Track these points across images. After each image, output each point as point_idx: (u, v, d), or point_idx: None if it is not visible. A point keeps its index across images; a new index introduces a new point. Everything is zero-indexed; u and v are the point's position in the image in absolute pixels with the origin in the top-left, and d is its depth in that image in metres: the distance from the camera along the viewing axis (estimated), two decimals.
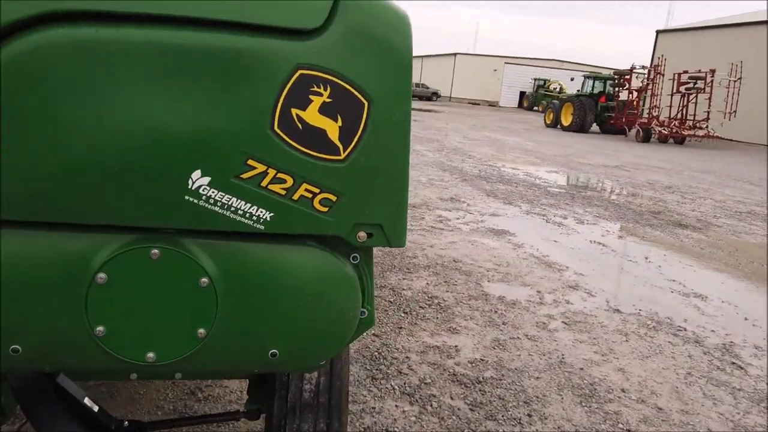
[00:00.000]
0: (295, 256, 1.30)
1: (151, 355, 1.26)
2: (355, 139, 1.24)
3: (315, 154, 1.22)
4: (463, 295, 4.52)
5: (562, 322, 4.18)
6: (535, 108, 49.87)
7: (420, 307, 4.19)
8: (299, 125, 1.20)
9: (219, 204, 1.20)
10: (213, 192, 1.19)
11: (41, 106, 1.08)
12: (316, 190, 1.25)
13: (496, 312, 4.23)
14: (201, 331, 1.27)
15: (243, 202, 1.21)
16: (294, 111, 1.19)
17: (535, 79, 54.57)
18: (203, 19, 1.12)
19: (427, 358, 3.43)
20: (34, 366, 1.31)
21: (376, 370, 3.21)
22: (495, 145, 16.95)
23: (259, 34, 1.15)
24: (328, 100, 1.20)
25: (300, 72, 1.17)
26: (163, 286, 1.23)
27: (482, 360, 3.47)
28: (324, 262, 1.32)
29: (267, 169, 1.20)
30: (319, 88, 1.19)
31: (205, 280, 1.24)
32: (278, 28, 1.16)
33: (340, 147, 1.24)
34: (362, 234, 1.32)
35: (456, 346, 3.62)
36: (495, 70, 61.59)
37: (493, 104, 60.63)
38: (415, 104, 44.40)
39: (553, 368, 3.45)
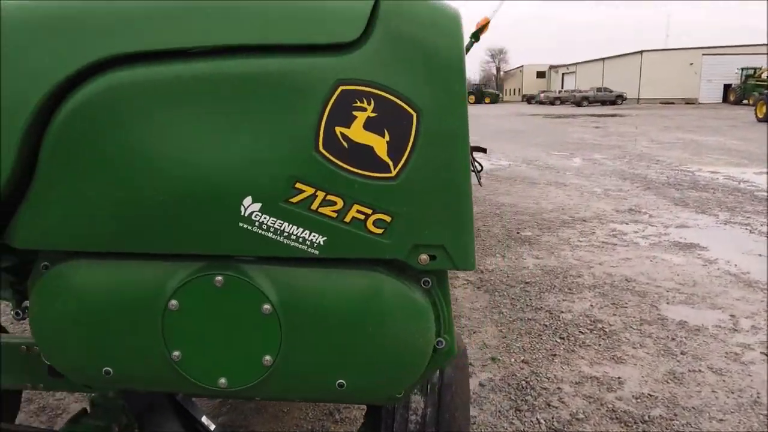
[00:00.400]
0: (354, 281, 1.23)
1: (223, 381, 1.27)
2: (406, 155, 1.14)
3: (364, 173, 1.15)
4: (634, 319, 4.02)
5: (762, 353, 3.49)
6: (744, 101, 43.71)
7: (580, 332, 3.81)
8: (344, 144, 1.14)
9: (272, 230, 1.18)
10: (265, 218, 1.17)
11: (106, 145, 1.17)
12: (369, 211, 1.17)
13: (673, 339, 3.69)
14: (267, 358, 1.25)
15: (295, 227, 1.18)
16: (338, 129, 1.13)
17: (741, 69, 47.93)
18: (237, 45, 1.12)
19: (582, 390, 3.09)
20: (126, 386, 1.41)
21: (522, 400, 2.97)
22: (690, 148, 15.14)
23: (296, 54, 1.12)
24: (373, 114, 1.13)
25: (341, 88, 1.12)
26: (229, 312, 1.24)
27: (650, 395, 3.02)
28: (386, 288, 1.22)
29: (315, 191, 1.16)
30: (363, 102, 1.12)
31: (267, 306, 1.23)
32: (315, 45, 1.12)
33: (390, 164, 1.15)
34: (424, 257, 1.20)
35: (619, 377, 3.21)
36: (691, 64, 55.50)
37: (690, 102, 54.54)
38: (597, 110, 41.78)
39: (744, 409, 2.87)
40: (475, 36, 3.48)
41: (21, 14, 1.16)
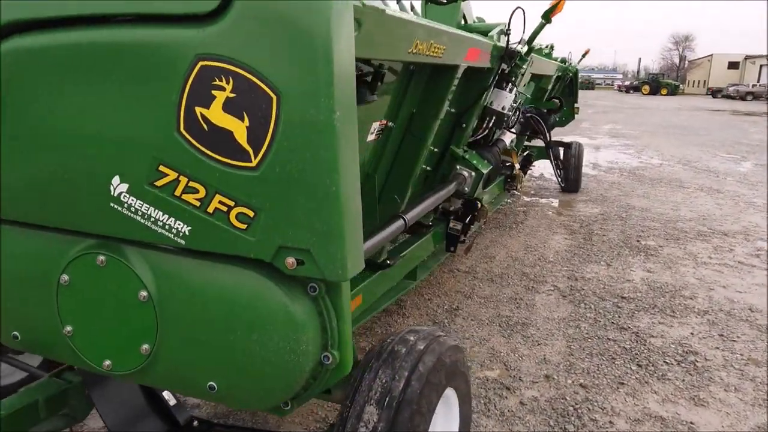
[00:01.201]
0: (226, 278, 1.13)
1: (107, 363, 1.25)
2: (266, 143, 1.01)
3: (224, 159, 1.04)
4: (741, 357, 3.39)
5: None
6: None
7: (665, 361, 3.30)
8: (204, 126, 1.03)
9: (140, 213, 1.12)
10: (132, 200, 1.12)
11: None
12: (231, 203, 1.06)
13: None
14: (145, 347, 1.21)
15: (160, 213, 1.11)
16: (198, 110, 1.03)
17: None
18: (96, 15, 1.05)
19: (639, 428, 2.67)
20: (32, 352, 1.45)
21: (560, 427, 2.64)
22: None
23: (156, 25, 1.03)
24: (232, 95, 1.01)
25: (201, 63, 1.01)
26: (111, 294, 1.21)
27: None
28: (257, 290, 1.11)
29: (178, 176, 1.07)
30: (222, 81, 1.01)
31: (144, 293, 1.18)
32: (173, 15, 1.02)
33: (251, 152, 1.02)
34: (291, 260, 1.06)
35: (691, 422, 2.73)
36: None
37: None
38: (754, 106, 35.96)
39: None
40: (545, 17, 3.07)
41: None
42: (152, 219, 1.13)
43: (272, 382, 1.16)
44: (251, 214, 1.06)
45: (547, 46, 6.59)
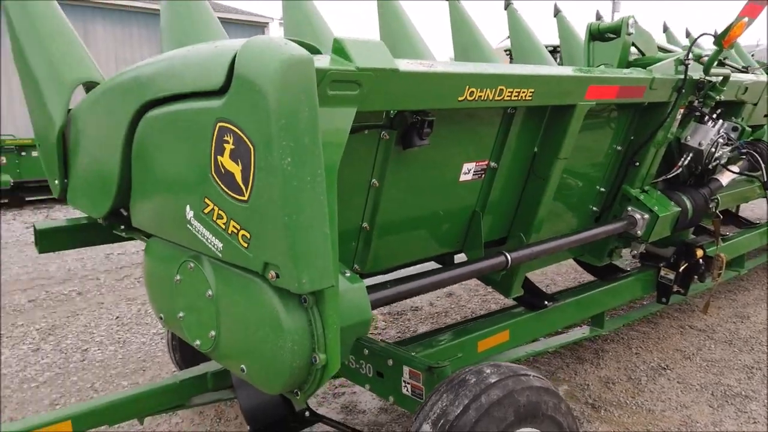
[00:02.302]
0: (243, 284, 1.47)
1: (198, 342, 1.71)
2: (250, 182, 1.34)
3: (231, 194, 1.40)
4: None
5: None
6: None
7: None
8: (222, 170, 1.42)
9: (200, 233, 1.56)
10: (196, 223, 1.55)
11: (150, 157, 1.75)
12: (238, 227, 1.41)
13: None
14: (212, 333, 1.62)
15: (208, 233, 1.52)
16: (219, 158, 1.42)
17: None
18: (175, 94, 1.52)
19: None
20: (168, 329, 1.98)
21: None
22: None
23: (198, 98, 1.45)
24: (233, 147, 1.37)
25: (218, 124, 1.40)
26: (196, 292, 1.67)
27: None
28: (260, 297, 1.42)
29: (213, 206, 1.47)
30: (228, 136, 1.38)
31: (210, 293, 1.60)
32: (204, 91, 1.42)
33: (244, 189, 1.37)
34: (272, 273, 1.35)
35: None
36: None
37: None
38: None
39: None
40: (718, 43, 2.50)
41: (109, 82, 1.84)
42: (206, 237, 1.54)
43: (273, 373, 1.44)
44: (248, 235, 1.38)
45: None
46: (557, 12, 3.40)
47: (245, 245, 1.40)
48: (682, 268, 3.46)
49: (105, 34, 13.70)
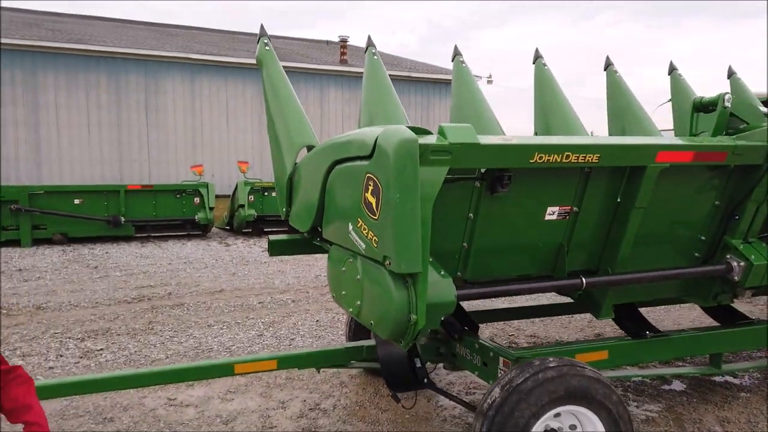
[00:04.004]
0: (375, 270, 2.41)
1: (350, 309, 2.70)
2: (380, 208, 2.30)
3: (370, 215, 2.38)
4: None
5: None
6: None
7: None
8: (366, 201, 2.40)
9: (355, 240, 2.55)
10: (354, 233, 2.56)
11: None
12: (372, 234, 2.37)
13: None
14: (358, 302, 2.60)
15: (358, 239, 2.51)
16: (365, 194, 2.41)
17: None
18: (343, 158, 2.56)
19: None
20: (338, 304, 2.98)
21: None
22: None
23: (358, 160, 2.46)
24: (372, 187, 2.36)
25: (367, 174, 2.39)
26: (351, 276, 2.66)
27: None
28: (384, 278, 2.34)
29: (362, 223, 2.46)
30: (369, 182, 2.36)
31: (358, 277, 2.59)
32: (361, 156, 2.43)
33: (376, 211, 2.33)
34: (388, 262, 2.27)
35: None
36: None
37: None
38: None
39: None
40: None
41: (318, 147, 2.99)
42: (357, 242, 2.50)
43: (386, 323, 2.33)
44: (377, 239, 2.30)
45: None
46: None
47: (375, 245, 2.35)
48: None
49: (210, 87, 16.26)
